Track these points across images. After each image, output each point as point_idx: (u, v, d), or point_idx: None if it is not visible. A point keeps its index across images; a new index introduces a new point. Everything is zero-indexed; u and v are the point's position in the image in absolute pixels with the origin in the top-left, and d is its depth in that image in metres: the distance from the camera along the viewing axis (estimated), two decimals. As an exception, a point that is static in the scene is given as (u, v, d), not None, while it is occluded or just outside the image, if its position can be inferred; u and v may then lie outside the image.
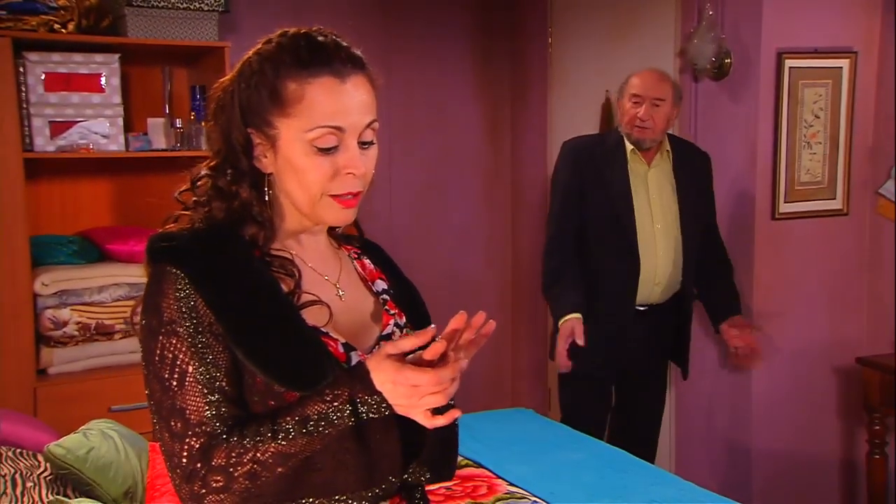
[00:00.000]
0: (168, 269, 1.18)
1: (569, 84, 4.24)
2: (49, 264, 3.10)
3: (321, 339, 1.23)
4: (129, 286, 3.12)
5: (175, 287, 1.17)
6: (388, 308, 1.37)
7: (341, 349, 1.25)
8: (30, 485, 2.07)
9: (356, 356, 1.25)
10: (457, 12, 4.46)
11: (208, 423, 1.14)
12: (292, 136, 1.22)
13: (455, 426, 1.33)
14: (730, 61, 3.41)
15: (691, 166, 3.24)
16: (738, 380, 3.52)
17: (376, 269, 1.42)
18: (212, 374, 1.16)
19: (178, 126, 3.28)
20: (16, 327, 2.98)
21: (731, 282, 3.34)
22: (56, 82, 3.05)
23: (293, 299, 1.24)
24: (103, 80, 3.13)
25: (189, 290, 1.17)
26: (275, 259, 1.26)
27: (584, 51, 4.13)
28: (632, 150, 3.14)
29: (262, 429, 1.14)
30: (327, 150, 1.22)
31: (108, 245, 3.22)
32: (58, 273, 3.04)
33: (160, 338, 1.17)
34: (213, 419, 1.15)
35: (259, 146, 1.25)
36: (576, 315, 3.11)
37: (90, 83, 3.11)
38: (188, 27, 3.27)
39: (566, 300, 3.16)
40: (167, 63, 3.45)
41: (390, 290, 1.40)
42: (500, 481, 2.52)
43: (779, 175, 3.39)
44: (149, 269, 1.22)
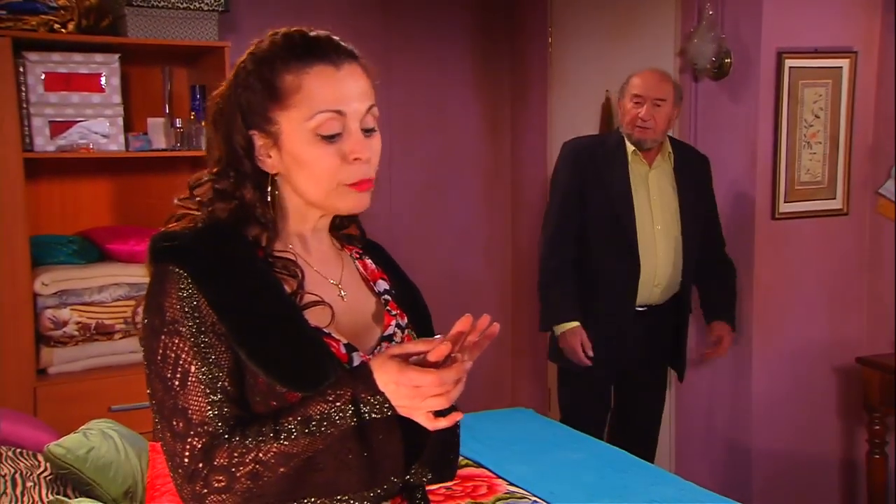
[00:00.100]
0: (171, 268, 1.18)
1: (569, 84, 4.24)
2: (49, 264, 3.09)
3: (323, 339, 1.23)
4: (130, 286, 3.12)
5: (178, 286, 1.17)
6: (389, 309, 1.36)
7: (343, 350, 1.24)
8: (30, 484, 2.07)
9: (358, 357, 1.25)
10: (457, 12, 4.46)
11: (210, 422, 1.14)
12: (294, 127, 1.22)
13: (457, 427, 1.33)
14: (730, 61, 3.41)
15: (691, 169, 3.25)
16: (738, 380, 3.52)
17: (378, 270, 1.42)
18: (214, 373, 1.16)
19: (178, 126, 3.28)
20: (16, 327, 2.98)
21: (727, 284, 3.34)
22: (56, 82, 3.05)
23: (296, 300, 1.24)
24: (103, 80, 3.13)
25: (192, 290, 1.17)
26: (278, 260, 1.26)
27: (584, 51, 4.13)
28: (633, 152, 3.14)
29: (264, 429, 1.13)
30: (331, 137, 1.22)
31: (108, 245, 3.21)
32: (58, 273, 3.04)
33: (162, 337, 1.16)
34: (216, 419, 1.14)
35: (262, 147, 1.25)
36: (576, 324, 3.14)
37: (90, 83, 3.11)
38: (188, 27, 3.27)
39: (565, 307, 3.17)
40: (167, 63, 3.44)
41: (392, 291, 1.40)
42: (500, 481, 2.53)
43: (779, 175, 3.39)
44: (151, 268, 1.21)
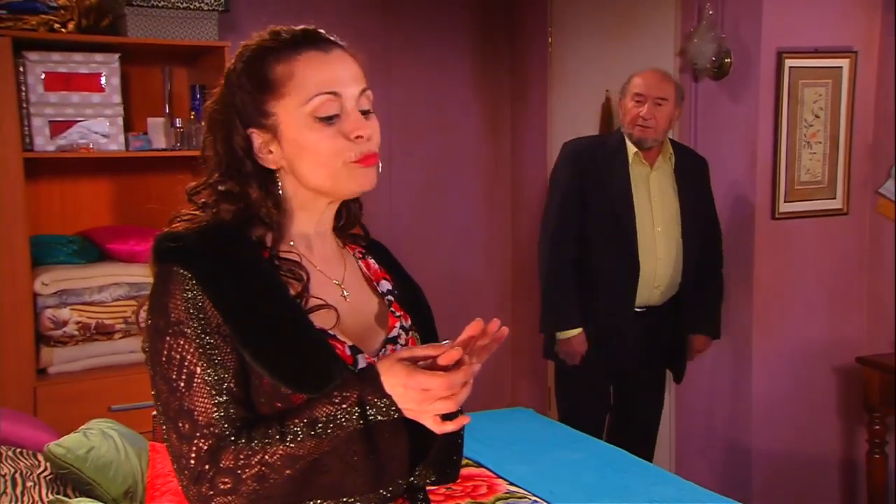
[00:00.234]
0: (175, 269, 1.17)
1: (569, 84, 4.24)
2: (49, 264, 3.09)
3: (328, 341, 1.23)
4: (130, 286, 3.12)
5: (182, 287, 1.16)
6: (393, 310, 1.36)
7: (348, 352, 1.24)
8: (30, 484, 2.07)
9: (363, 359, 1.25)
10: (457, 12, 4.46)
11: (216, 424, 1.14)
12: (291, 115, 1.22)
13: (462, 429, 1.32)
14: (730, 61, 3.41)
15: (691, 171, 3.25)
16: (738, 380, 3.52)
17: (381, 270, 1.41)
18: (220, 375, 1.15)
19: (178, 125, 3.28)
20: (16, 327, 2.97)
21: (715, 302, 3.33)
22: (56, 82, 3.05)
23: (301, 302, 1.23)
24: (103, 80, 3.13)
25: (196, 291, 1.16)
26: (283, 262, 1.25)
27: (584, 51, 4.13)
28: (635, 153, 3.14)
29: (270, 430, 1.13)
30: (329, 119, 1.22)
31: (108, 245, 3.21)
32: (58, 273, 3.04)
33: (167, 338, 1.16)
34: (222, 420, 1.14)
35: (261, 144, 1.24)
36: (579, 330, 3.15)
37: (90, 83, 3.11)
38: (188, 27, 3.27)
39: (567, 312, 3.18)
40: (167, 62, 3.44)
41: (395, 291, 1.39)
42: (500, 481, 2.53)
43: (779, 175, 3.39)
44: (155, 269, 1.21)
